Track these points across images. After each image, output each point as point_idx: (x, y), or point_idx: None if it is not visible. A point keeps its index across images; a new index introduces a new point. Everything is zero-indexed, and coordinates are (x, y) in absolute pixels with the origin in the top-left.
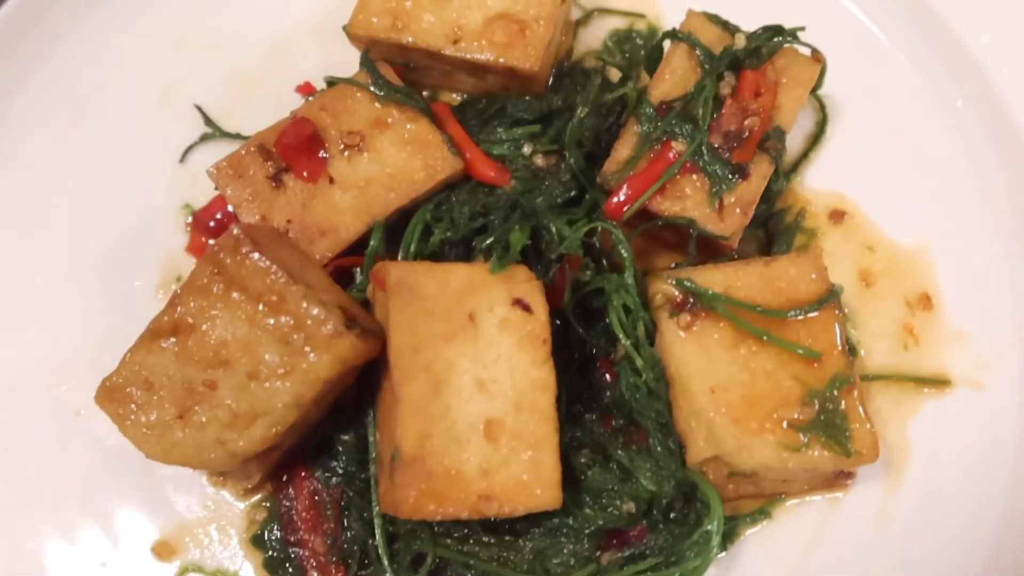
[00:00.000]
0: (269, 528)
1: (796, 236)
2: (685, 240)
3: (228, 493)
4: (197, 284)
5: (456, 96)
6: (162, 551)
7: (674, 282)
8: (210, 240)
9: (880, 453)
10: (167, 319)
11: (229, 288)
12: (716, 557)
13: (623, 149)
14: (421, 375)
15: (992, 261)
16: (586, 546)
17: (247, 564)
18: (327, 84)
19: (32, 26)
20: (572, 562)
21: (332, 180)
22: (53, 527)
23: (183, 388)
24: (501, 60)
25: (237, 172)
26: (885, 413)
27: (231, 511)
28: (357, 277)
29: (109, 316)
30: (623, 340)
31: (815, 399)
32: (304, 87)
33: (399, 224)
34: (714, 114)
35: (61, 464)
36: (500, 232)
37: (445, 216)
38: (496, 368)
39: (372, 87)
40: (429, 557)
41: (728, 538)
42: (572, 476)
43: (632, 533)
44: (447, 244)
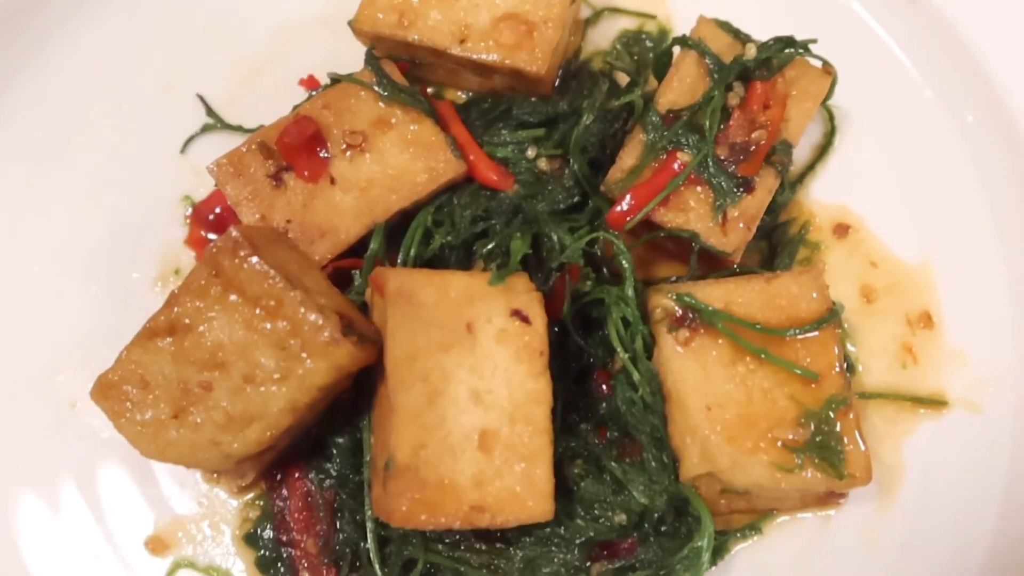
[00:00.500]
0: (262, 527)
1: (799, 249)
2: (687, 249)
3: (222, 490)
4: (195, 285)
5: (461, 94)
6: (155, 546)
7: (674, 297)
8: (209, 234)
9: (873, 475)
10: (164, 319)
11: (227, 291)
12: (705, 572)
13: (628, 158)
14: (417, 384)
15: (996, 282)
16: (577, 556)
17: (239, 562)
18: (330, 80)
19: (34, 14)
20: (562, 572)
21: (333, 180)
22: (46, 518)
23: (178, 388)
24: (507, 62)
25: (237, 170)
26: (881, 432)
27: (224, 508)
28: (356, 279)
29: (106, 307)
30: (621, 354)
31: (811, 420)
32: (308, 81)
33: (399, 225)
34: (721, 125)
35: (55, 455)
36: (501, 237)
37: (446, 220)
38: (493, 379)
39: (376, 86)
40: (420, 563)
41: (718, 553)
42: (565, 486)
43: (623, 545)
44: (447, 248)
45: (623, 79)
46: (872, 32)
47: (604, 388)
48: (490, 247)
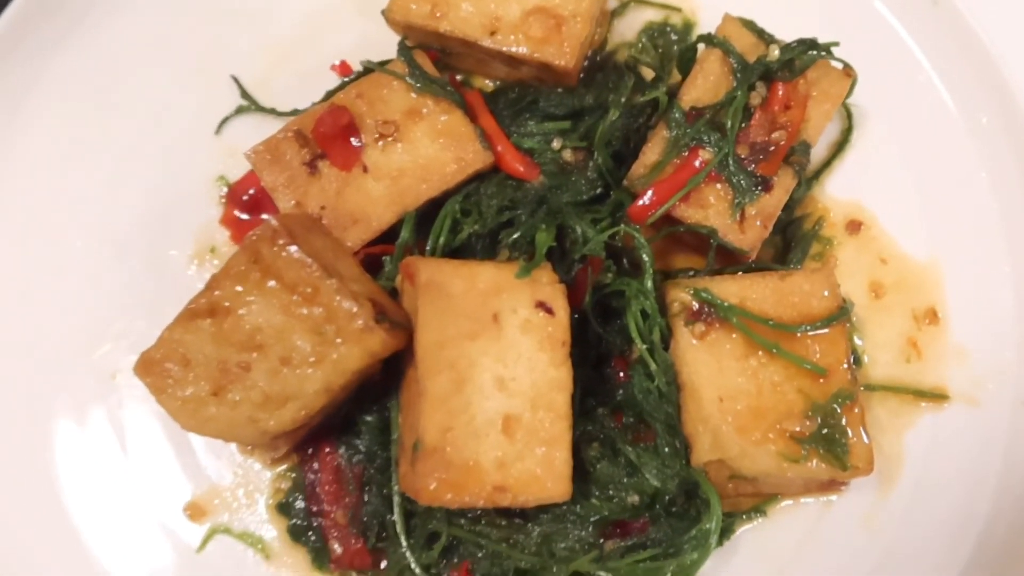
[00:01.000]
0: (293, 497)
1: (812, 244)
2: (704, 242)
3: (256, 462)
4: (235, 271)
5: (488, 82)
6: (194, 512)
7: (692, 292)
8: (243, 214)
9: (875, 465)
10: (205, 301)
11: (265, 277)
12: (712, 552)
13: (651, 154)
14: (445, 371)
15: (1000, 283)
16: (591, 533)
17: (272, 529)
18: (363, 68)
19: None
20: (577, 547)
21: (366, 169)
22: (91, 484)
23: (218, 367)
24: (536, 55)
25: (274, 157)
26: (883, 423)
27: (258, 478)
28: (386, 265)
29: (145, 283)
30: (639, 345)
31: (818, 413)
32: (341, 67)
33: (428, 212)
34: (742, 124)
35: (98, 424)
36: (526, 227)
37: (474, 209)
38: (516, 367)
39: (408, 78)
40: (443, 536)
41: (724, 534)
42: (582, 468)
43: (635, 525)
44: (474, 236)
45: (648, 72)
46: (893, 31)
47: (621, 375)
48: (515, 236)
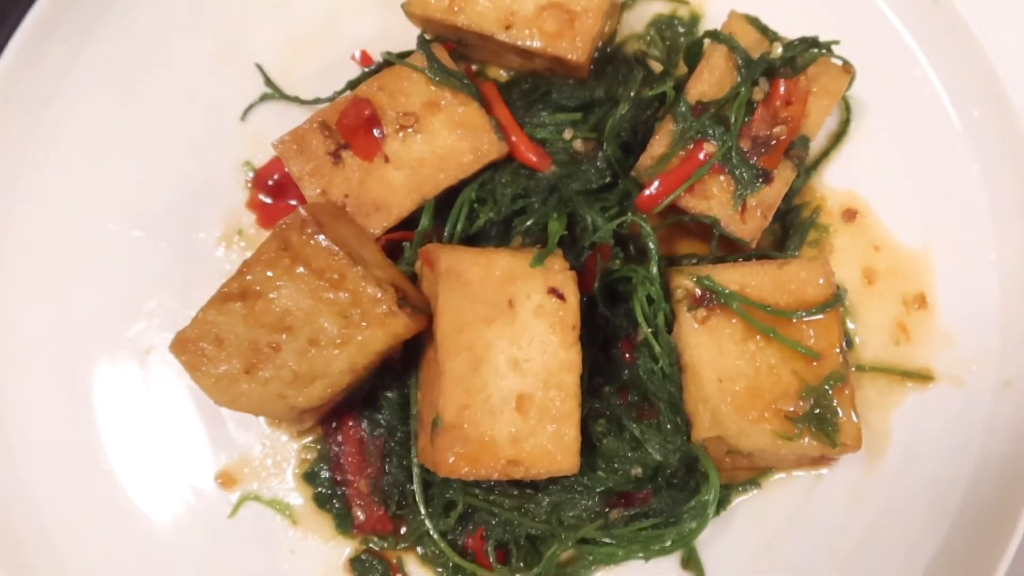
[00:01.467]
0: (318, 467)
1: (809, 232)
2: (707, 229)
3: (283, 434)
4: (265, 257)
5: (503, 72)
6: (225, 480)
7: (695, 279)
8: (267, 198)
9: (863, 442)
10: (237, 285)
11: (295, 263)
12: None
13: (658, 146)
14: (463, 353)
15: (987, 270)
16: (597, 503)
17: (298, 497)
18: (384, 61)
19: None
20: (584, 516)
21: (387, 159)
22: (128, 456)
23: (250, 347)
24: (550, 49)
25: (300, 147)
26: (872, 402)
27: (285, 449)
28: (406, 250)
29: (175, 265)
30: (645, 328)
31: (811, 394)
32: (362, 57)
33: (445, 199)
34: (745, 118)
35: (134, 398)
36: (539, 215)
37: (489, 197)
38: (530, 349)
39: (427, 71)
40: (460, 505)
41: (721, 504)
42: (589, 442)
43: (638, 495)
44: (489, 223)
45: (656, 66)
46: (892, 28)
47: (627, 356)
48: (528, 223)
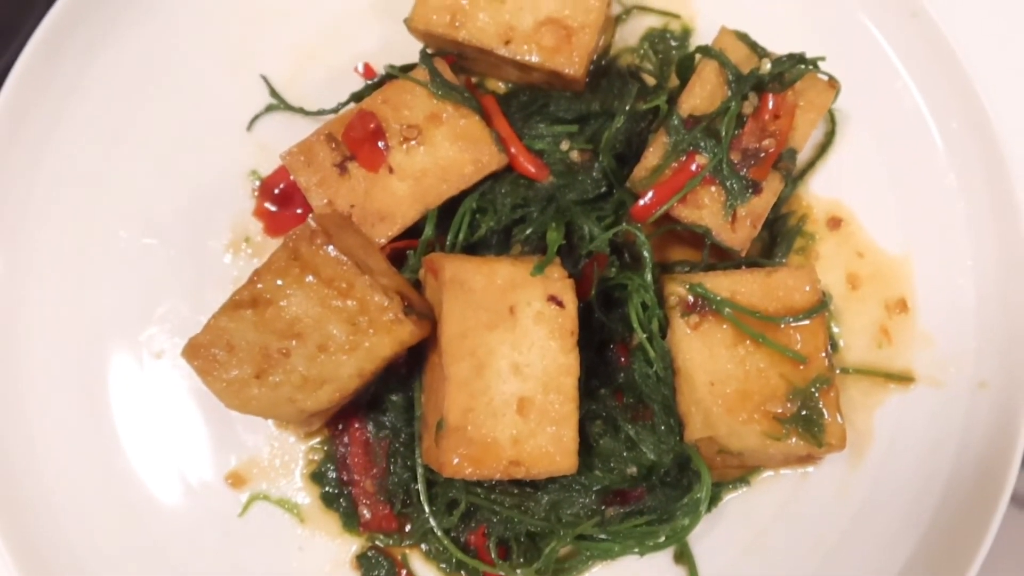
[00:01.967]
0: (326, 467)
1: (796, 239)
2: (699, 238)
3: (291, 435)
4: (276, 266)
5: (501, 84)
6: (234, 480)
7: (688, 287)
8: (273, 207)
9: (847, 441)
10: (248, 293)
11: (304, 272)
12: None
13: (652, 158)
14: (467, 358)
15: (964, 276)
16: (594, 501)
17: (306, 496)
18: (387, 74)
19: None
20: (581, 513)
21: (391, 170)
22: (141, 458)
23: (260, 353)
24: (548, 64)
25: (307, 159)
26: (856, 403)
27: (293, 449)
28: (410, 258)
29: (184, 271)
30: (639, 334)
31: (798, 397)
32: (366, 70)
33: (447, 208)
34: (736, 131)
35: (145, 400)
36: (537, 224)
37: (489, 207)
38: (530, 354)
39: (430, 85)
40: (462, 503)
41: (712, 501)
42: (586, 442)
43: (633, 493)
44: (490, 232)
45: (650, 79)
46: (875, 41)
47: (622, 360)
48: (528, 232)
